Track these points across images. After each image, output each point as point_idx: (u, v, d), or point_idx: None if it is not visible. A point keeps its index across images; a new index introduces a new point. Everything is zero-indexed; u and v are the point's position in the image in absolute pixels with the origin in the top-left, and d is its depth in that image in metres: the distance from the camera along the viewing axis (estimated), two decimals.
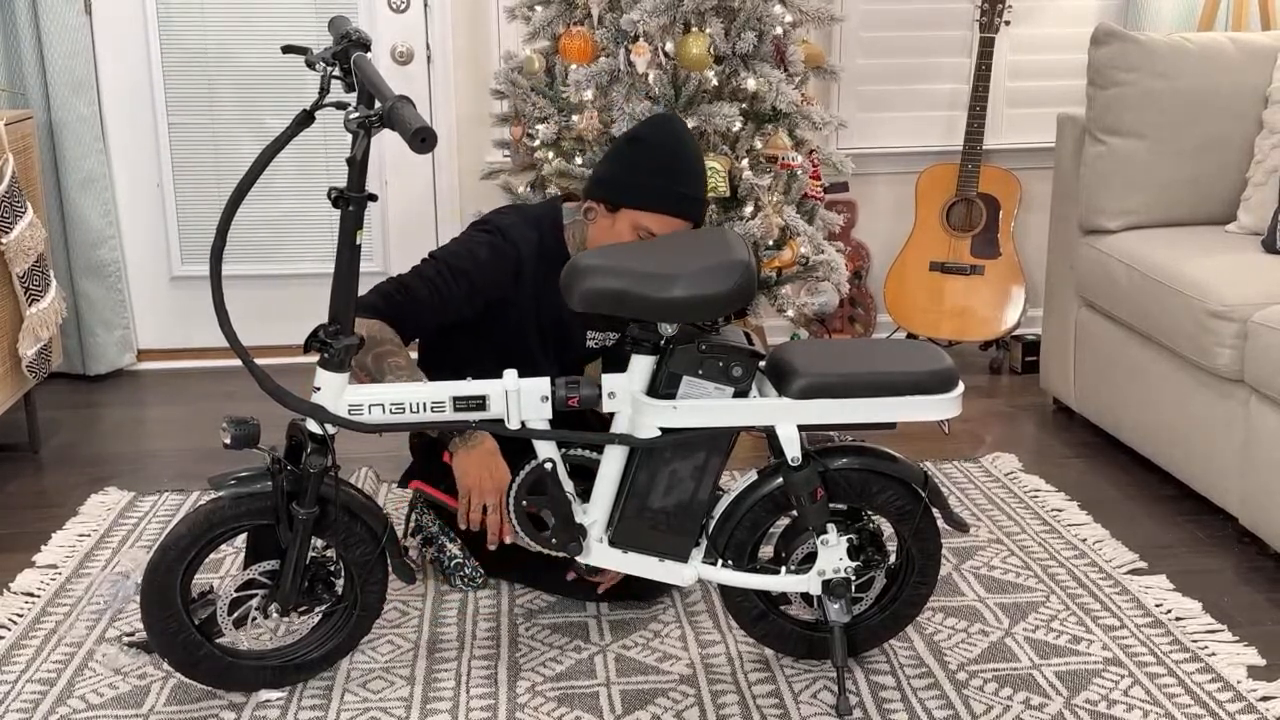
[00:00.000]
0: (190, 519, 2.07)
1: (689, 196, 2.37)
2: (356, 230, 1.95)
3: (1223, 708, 2.12)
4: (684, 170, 2.38)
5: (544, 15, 3.23)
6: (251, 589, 2.13)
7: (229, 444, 2.01)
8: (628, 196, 2.36)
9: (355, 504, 2.13)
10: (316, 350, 2.01)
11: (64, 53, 3.75)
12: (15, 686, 2.21)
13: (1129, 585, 2.56)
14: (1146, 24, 4.05)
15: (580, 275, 1.98)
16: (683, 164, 2.38)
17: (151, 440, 3.56)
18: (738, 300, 1.98)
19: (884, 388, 2.02)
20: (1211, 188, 3.32)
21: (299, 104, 4.03)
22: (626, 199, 2.36)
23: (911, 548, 2.20)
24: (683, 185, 2.37)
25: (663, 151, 2.38)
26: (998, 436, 3.51)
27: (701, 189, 2.41)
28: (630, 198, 2.36)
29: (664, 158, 2.37)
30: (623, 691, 2.18)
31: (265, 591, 2.12)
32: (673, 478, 2.08)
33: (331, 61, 1.91)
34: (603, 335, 2.60)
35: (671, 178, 2.36)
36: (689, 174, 2.38)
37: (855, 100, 4.18)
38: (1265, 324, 2.64)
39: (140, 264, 4.14)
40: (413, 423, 2.05)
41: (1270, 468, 2.61)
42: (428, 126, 1.75)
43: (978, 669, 2.25)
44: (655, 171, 2.36)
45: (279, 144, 1.90)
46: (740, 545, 2.14)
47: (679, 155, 2.39)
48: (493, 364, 2.39)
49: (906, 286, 4.09)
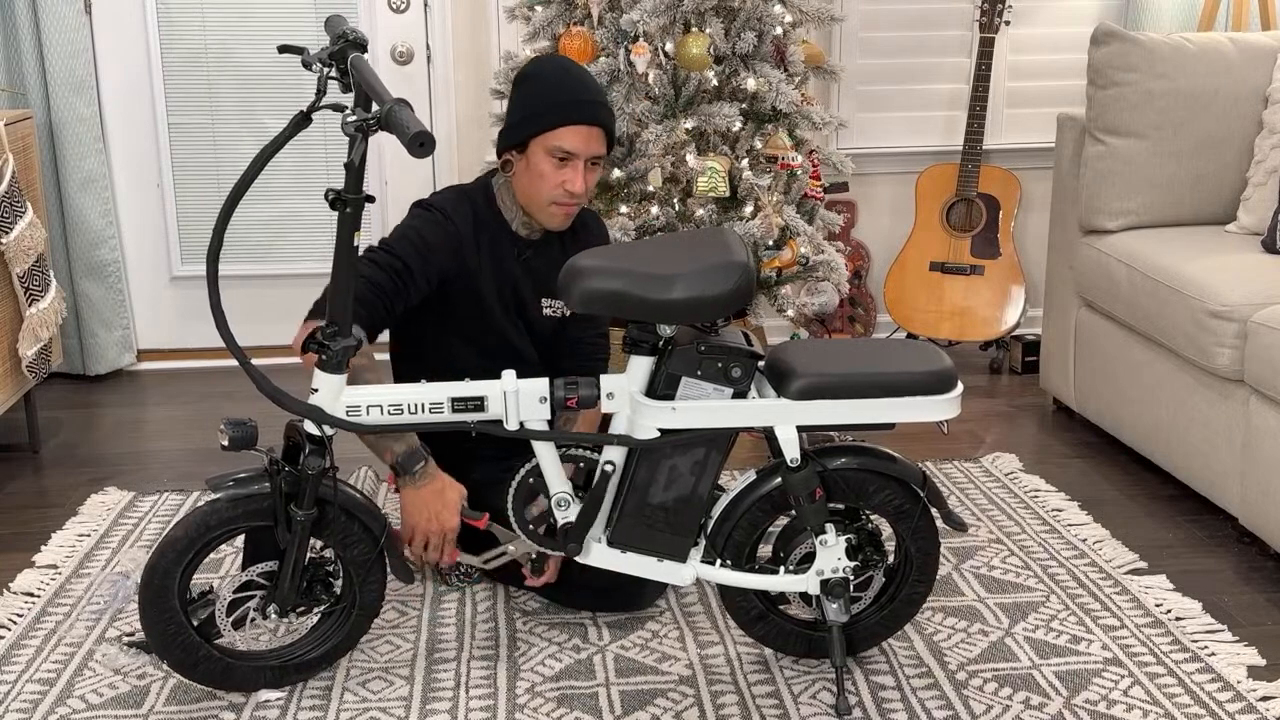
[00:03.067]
0: (187, 520, 2.07)
1: (584, 100, 2.35)
2: (354, 232, 1.94)
3: (1223, 708, 2.12)
4: (571, 83, 2.37)
5: (544, 15, 3.23)
6: (250, 590, 2.13)
7: (227, 446, 2.00)
8: (527, 127, 2.35)
9: (353, 504, 2.12)
10: (314, 352, 2.01)
11: (64, 53, 3.75)
12: (15, 686, 2.21)
13: (1129, 585, 2.56)
14: (1146, 24, 4.05)
15: (578, 276, 1.98)
16: (569, 80, 2.37)
17: (151, 440, 3.56)
18: (736, 301, 1.98)
19: (883, 388, 2.02)
20: (1211, 188, 3.32)
21: (298, 104, 4.05)
22: (529, 130, 2.35)
23: (910, 547, 2.20)
24: (573, 94, 2.35)
25: (543, 75, 2.39)
26: (998, 436, 3.51)
27: (593, 93, 2.38)
28: (529, 127, 2.35)
29: (548, 80, 2.37)
30: (622, 692, 2.18)
31: (263, 592, 2.12)
32: (671, 478, 2.08)
33: (328, 62, 1.90)
34: (560, 303, 2.53)
35: (558, 90, 2.35)
36: (578, 84, 2.37)
37: (855, 100, 4.18)
38: (1265, 324, 2.64)
39: (140, 264, 4.15)
40: (411, 424, 2.05)
41: (1270, 468, 2.61)
42: (426, 131, 1.73)
43: (977, 669, 2.25)
44: (543, 93, 2.36)
45: (276, 145, 1.89)
46: (739, 545, 2.14)
47: (560, 72, 2.39)
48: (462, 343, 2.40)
49: (906, 286, 4.09)
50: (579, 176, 2.35)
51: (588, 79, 2.41)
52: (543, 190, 2.37)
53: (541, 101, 2.35)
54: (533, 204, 2.41)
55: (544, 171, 2.35)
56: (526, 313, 2.51)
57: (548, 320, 2.54)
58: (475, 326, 2.45)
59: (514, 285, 2.47)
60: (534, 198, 2.39)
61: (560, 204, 2.38)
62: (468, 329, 2.45)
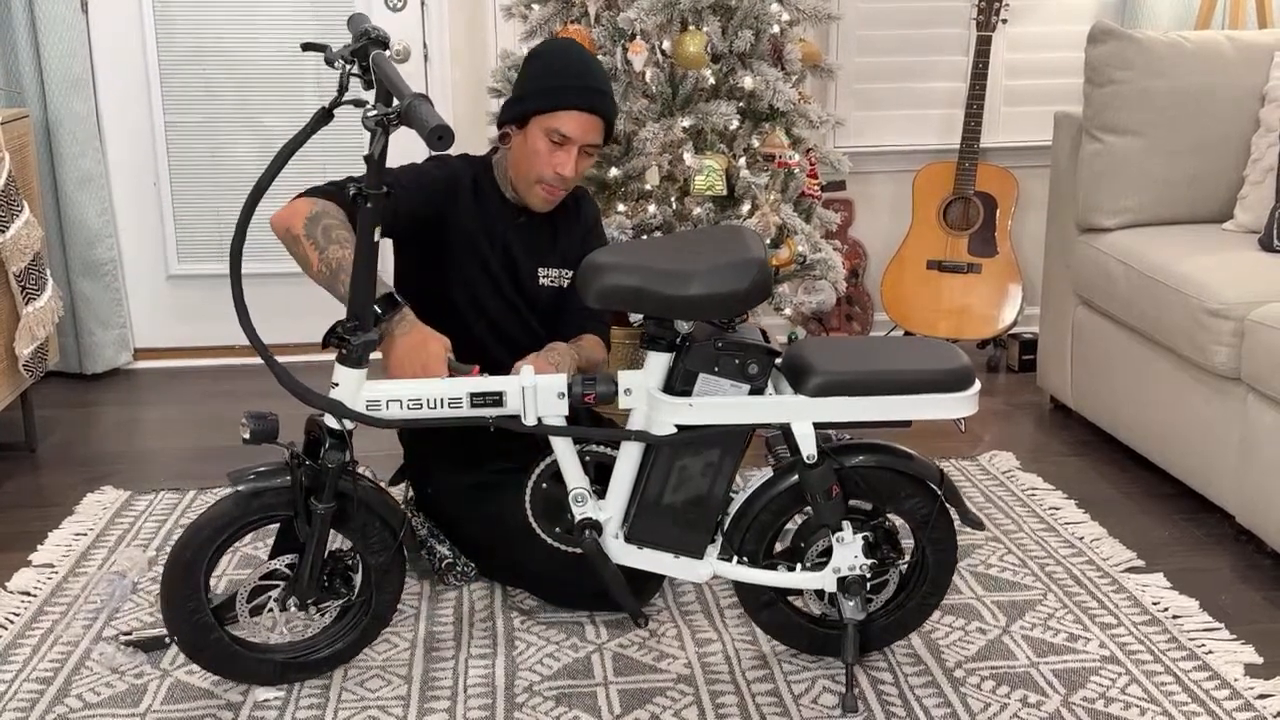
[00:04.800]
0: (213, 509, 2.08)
1: (588, 87, 2.38)
2: (375, 227, 1.96)
3: (1220, 705, 2.12)
4: (579, 67, 2.40)
5: (541, 13, 3.23)
6: (274, 579, 2.14)
7: (248, 439, 2.02)
8: (530, 104, 2.39)
9: (373, 500, 2.14)
10: (335, 346, 2.01)
11: (61, 51, 3.74)
12: (12, 686, 2.20)
13: (1126, 583, 2.56)
14: (1144, 22, 4.05)
15: (596, 272, 1.99)
16: (576, 64, 2.40)
17: (148, 439, 3.55)
18: (754, 298, 1.99)
19: (900, 386, 2.02)
20: (1208, 186, 3.32)
21: (296, 102, 4.06)
22: (530, 106, 2.38)
23: (928, 553, 2.20)
24: (578, 79, 2.38)
25: (554, 57, 2.43)
26: (995, 435, 3.51)
27: (599, 82, 2.41)
28: (532, 104, 2.38)
29: (556, 61, 2.41)
30: (621, 691, 2.18)
31: (285, 583, 2.14)
32: (688, 474, 2.08)
33: (350, 59, 1.93)
34: (556, 272, 2.56)
35: (565, 75, 2.38)
36: (584, 70, 2.40)
37: (852, 99, 4.18)
38: (1262, 322, 2.64)
39: (137, 262, 4.14)
40: (430, 419, 2.05)
41: (1268, 466, 2.61)
42: (445, 124, 1.77)
43: (975, 667, 2.25)
44: (550, 74, 2.39)
45: (298, 141, 1.91)
46: (756, 542, 2.15)
47: (571, 56, 2.42)
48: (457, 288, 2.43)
49: (904, 285, 4.09)
50: (570, 161, 2.38)
51: (596, 67, 2.44)
52: (534, 168, 2.40)
53: (547, 82, 2.38)
54: (521, 180, 2.44)
55: (539, 150, 2.38)
56: (521, 279, 2.53)
57: (544, 289, 2.56)
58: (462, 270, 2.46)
59: (506, 248, 2.50)
60: (524, 174, 2.43)
61: (547, 185, 2.41)
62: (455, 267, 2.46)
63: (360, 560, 2.18)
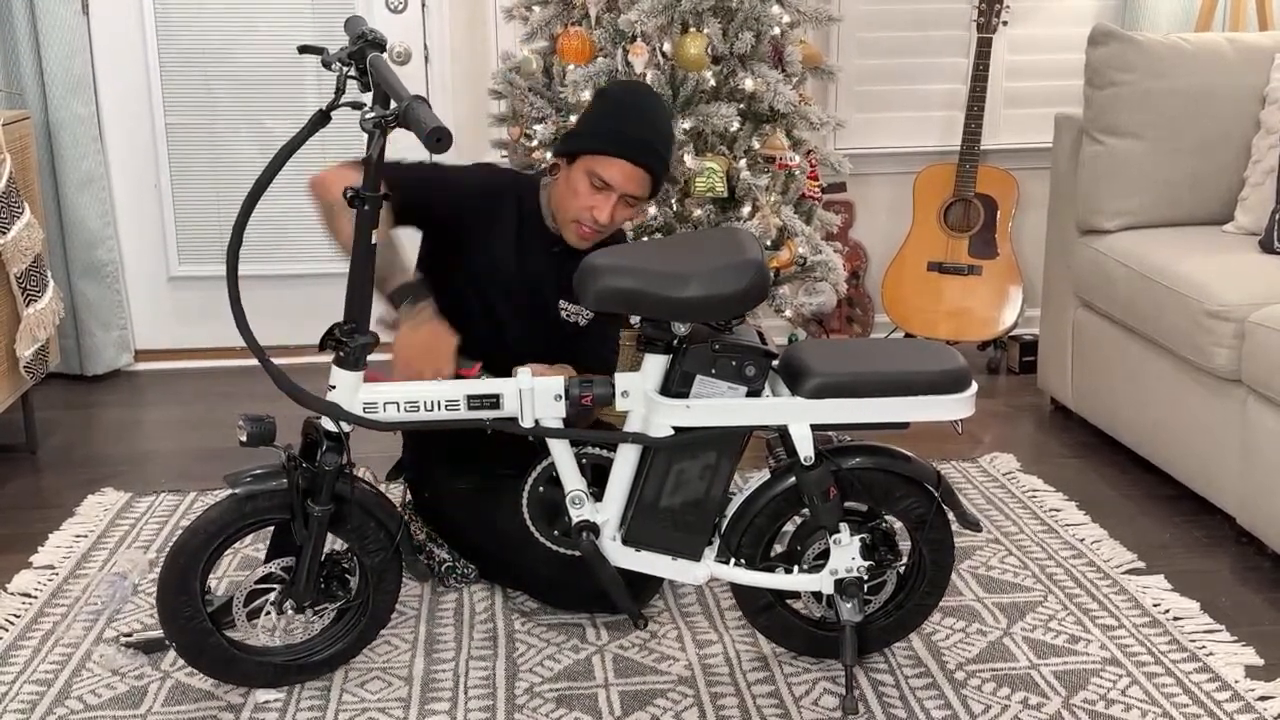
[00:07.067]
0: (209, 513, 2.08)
1: (641, 140, 2.34)
2: (372, 229, 1.96)
3: (1220, 707, 2.12)
4: (637, 117, 2.37)
5: (542, 15, 3.23)
6: (270, 583, 2.14)
7: (245, 441, 2.01)
8: (581, 142, 2.37)
9: (370, 502, 2.14)
10: (332, 349, 2.01)
11: (61, 53, 3.74)
12: (13, 687, 2.20)
13: (1127, 585, 2.56)
14: (1144, 24, 4.05)
15: (594, 274, 1.99)
16: (636, 113, 2.38)
17: (148, 441, 3.55)
18: (751, 300, 1.99)
19: (897, 387, 2.02)
20: (1209, 188, 3.32)
21: (297, 104, 4.06)
22: (580, 145, 2.37)
23: (925, 552, 2.20)
24: (634, 130, 2.35)
25: (619, 101, 2.41)
26: (995, 436, 3.51)
27: (655, 137, 2.37)
28: (583, 143, 2.37)
29: (619, 105, 2.39)
30: (621, 692, 2.18)
31: (282, 586, 2.14)
32: (685, 476, 2.08)
33: (348, 61, 1.93)
34: (577, 309, 2.53)
35: (622, 120, 2.35)
36: (643, 121, 2.37)
37: (853, 100, 4.18)
38: (1263, 324, 2.64)
39: (138, 264, 4.14)
40: (427, 421, 2.05)
41: (1268, 467, 2.61)
42: (443, 126, 1.77)
43: (976, 668, 2.25)
44: (608, 116, 2.38)
45: (295, 143, 1.92)
46: (753, 544, 2.15)
47: (635, 104, 2.40)
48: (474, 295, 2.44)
49: (904, 286, 4.09)
50: (608, 208, 2.35)
51: (659, 120, 2.41)
52: (571, 206, 2.38)
53: (603, 124, 2.36)
54: (559, 214, 2.43)
55: (578, 190, 2.36)
56: (541, 302, 2.51)
57: (563, 323, 2.54)
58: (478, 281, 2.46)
59: (533, 270, 2.48)
60: (562, 209, 2.41)
61: (583, 225, 2.39)
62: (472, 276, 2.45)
63: (357, 562, 2.18)
